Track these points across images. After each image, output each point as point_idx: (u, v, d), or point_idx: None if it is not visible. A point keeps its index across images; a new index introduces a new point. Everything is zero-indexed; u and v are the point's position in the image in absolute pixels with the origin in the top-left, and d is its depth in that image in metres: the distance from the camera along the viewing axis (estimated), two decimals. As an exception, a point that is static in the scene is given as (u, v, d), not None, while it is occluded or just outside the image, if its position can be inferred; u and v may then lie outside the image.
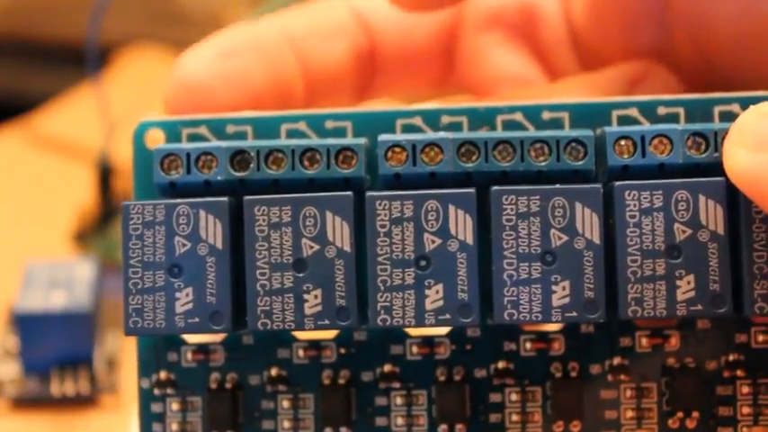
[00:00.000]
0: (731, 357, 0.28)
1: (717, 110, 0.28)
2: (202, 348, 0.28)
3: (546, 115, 0.28)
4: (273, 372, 0.28)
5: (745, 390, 0.27)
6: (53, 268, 0.42)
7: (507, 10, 0.31)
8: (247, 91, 0.29)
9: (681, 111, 0.28)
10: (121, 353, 0.42)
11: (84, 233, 0.48)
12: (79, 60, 0.49)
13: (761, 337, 0.27)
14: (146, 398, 0.29)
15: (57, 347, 0.41)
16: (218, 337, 0.28)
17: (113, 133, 0.47)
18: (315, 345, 0.28)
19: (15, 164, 0.52)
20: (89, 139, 0.51)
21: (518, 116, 0.28)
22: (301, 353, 0.28)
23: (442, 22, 0.32)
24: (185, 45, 0.58)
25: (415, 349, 0.28)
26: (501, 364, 0.28)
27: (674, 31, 0.30)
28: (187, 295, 0.26)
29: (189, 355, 0.28)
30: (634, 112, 0.28)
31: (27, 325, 0.40)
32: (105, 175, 0.48)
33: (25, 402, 0.41)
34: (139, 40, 0.59)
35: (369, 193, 0.26)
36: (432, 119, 0.28)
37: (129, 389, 0.41)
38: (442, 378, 0.28)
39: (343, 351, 0.28)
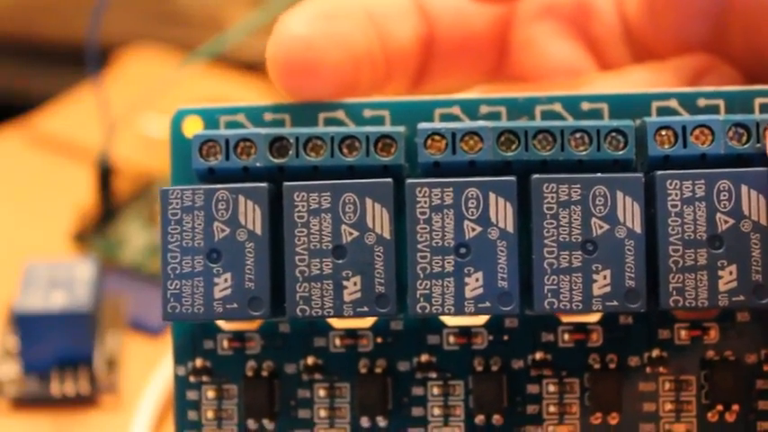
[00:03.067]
0: (771, 350, 0.27)
1: (757, 102, 0.27)
2: (238, 336, 0.28)
3: (585, 106, 0.28)
4: (310, 360, 0.28)
5: (785, 383, 0.27)
6: (53, 268, 0.42)
7: (561, 2, 0.31)
8: (349, 53, 0.28)
9: (721, 102, 0.28)
10: (121, 353, 0.42)
11: (84, 233, 0.48)
12: (79, 60, 0.49)
13: (801, 331, 0.27)
14: (181, 385, 0.28)
15: (57, 347, 0.41)
16: (255, 325, 0.28)
17: (113, 133, 0.47)
18: (351, 333, 0.28)
19: (15, 164, 0.52)
20: (89, 139, 0.51)
21: (557, 107, 0.28)
22: (338, 342, 0.28)
23: (497, 12, 0.31)
24: (185, 45, 0.58)
25: (452, 339, 0.28)
26: (538, 355, 0.28)
27: (730, 26, 0.30)
28: (226, 281, 0.26)
29: (225, 343, 0.28)
30: (673, 103, 0.28)
31: (27, 325, 0.40)
32: (105, 175, 0.48)
33: (25, 402, 0.41)
34: (139, 40, 0.59)
35: (409, 180, 0.26)
36: (470, 108, 0.28)
37: (129, 389, 0.41)
38: (479, 368, 0.28)
39: (379, 340, 0.28)
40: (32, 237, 0.48)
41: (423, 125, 0.27)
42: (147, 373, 0.41)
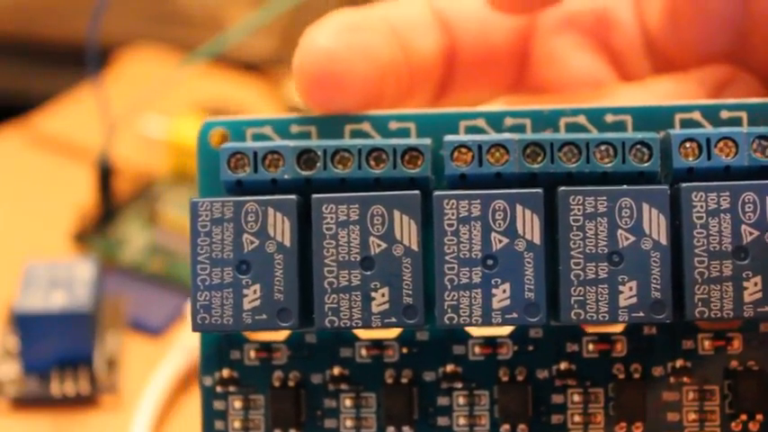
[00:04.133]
0: (794, 361, 0.28)
1: (780, 114, 0.28)
2: (265, 347, 0.29)
3: (609, 118, 0.28)
4: (336, 371, 0.28)
5: (808, 393, 0.28)
6: (53, 268, 0.42)
7: (582, 14, 0.32)
8: (374, 65, 0.28)
9: (743, 115, 0.28)
10: (121, 353, 0.43)
11: (84, 233, 0.48)
12: (79, 60, 0.49)
13: (824, 341, 0.28)
14: (208, 395, 0.29)
15: (57, 347, 0.41)
16: (282, 336, 0.29)
17: (113, 133, 0.47)
18: (377, 344, 0.28)
19: (15, 164, 0.52)
20: (89, 139, 0.51)
21: (581, 119, 0.28)
22: (364, 352, 0.28)
23: (518, 24, 0.32)
24: (185, 45, 0.58)
25: (477, 349, 0.28)
26: (563, 365, 0.28)
27: (751, 36, 0.30)
28: (255, 292, 0.27)
29: (252, 354, 0.29)
30: (697, 115, 0.28)
31: (27, 325, 0.40)
32: (105, 175, 0.48)
33: (25, 402, 0.41)
34: (139, 40, 0.59)
35: (436, 193, 0.26)
36: (495, 121, 0.28)
37: (129, 389, 0.42)
38: (504, 378, 0.28)
39: (405, 351, 0.28)
40: (32, 237, 0.49)
41: (449, 138, 0.27)
42: (147, 373, 0.41)
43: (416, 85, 0.31)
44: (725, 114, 0.28)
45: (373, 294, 0.26)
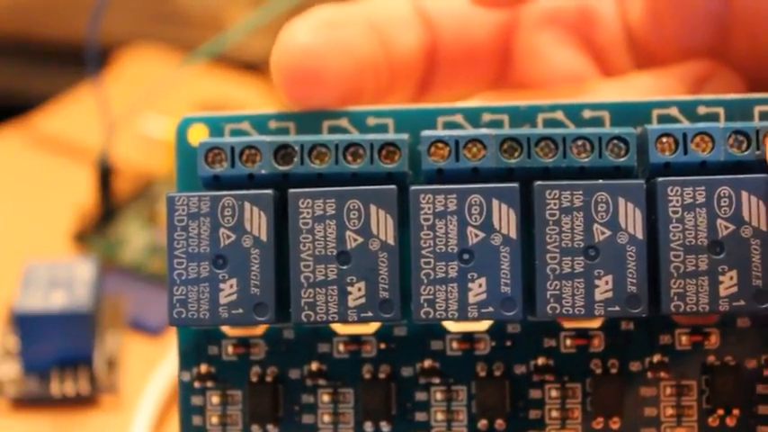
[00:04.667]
0: (771, 356, 0.28)
1: (757, 110, 0.28)
2: (243, 342, 0.29)
3: (586, 114, 0.28)
4: (314, 366, 0.28)
5: (785, 388, 0.28)
6: (53, 268, 0.42)
7: (564, 9, 0.32)
8: (352, 61, 0.28)
9: (721, 110, 0.28)
10: (121, 353, 0.43)
11: (84, 233, 0.48)
12: (79, 60, 0.49)
13: (801, 336, 0.28)
14: (186, 391, 0.29)
15: (57, 347, 0.41)
16: (259, 331, 0.29)
17: (113, 133, 0.47)
18: (355, 339, 0.28)
19: (15, 164, 0.52)
20: (89, 139, 0.52)
21: (559, 114, 0.28)
22: (342, 347, 0.28)
23: (500, 20, 0.32)
24: (185, 45, 0.58)
25: (455, 345, 0.28)
26: (541, 361, 0.28)
27: (732, 31, 0.30)
28: (231, 286, 0.27)
29: (230, 349, 0.29)
30: (674, 111, 0.28)
31: (27, 325, 0.40)
32: (105, 175, 0.48)
33: (25, 402, 0.41)
34: (139, 40, 0.59)
35: (413, 187, 0.26)
36: (473, 117, 0.28)
37: (129, 389, 0.42)
38: (482, 374, 0.28)
39: (383, 346, 0.28)
40: (32, 237, 0.49)
41: (426, 133, 0.27)
42: (147, 373, 0.41)
43: (397, 81, 0.31)
44: (702, 110, 0.28)
45: (349, 289, 0.26)
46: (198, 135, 0.29)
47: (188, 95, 0.53)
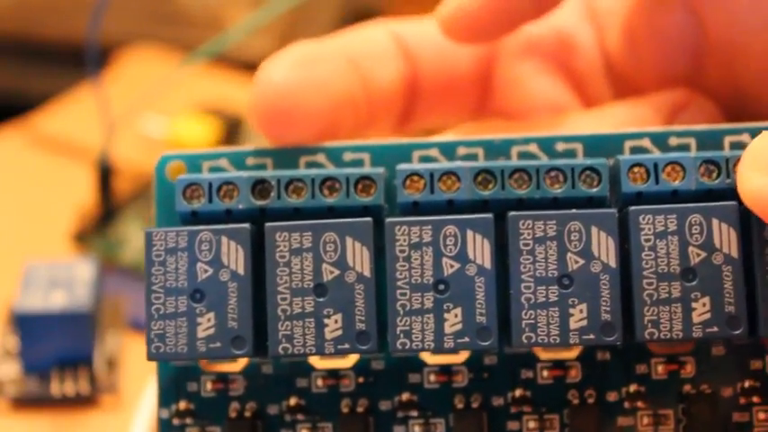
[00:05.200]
0: (746, 384, 0.28)
1: (727, 140, 0.28)
2: (222, 377, 0.29)
3: (560, 146, 0.28)
4: (292, 401, 0.28)
5: (762, 416, 0.28)
6: (53, 268, 0.42)
7: (544, 39, 0.32)
8: (328, 99, 0.29)
9: (692, 141, 0.28)
10: (121, 353, 0.43)
11: (84, 233, 0.48)
12: (79, 60, 0.50)
13: (776, 364, 0.28)
14: (165, 428, 0.29)
15: (57, 347, 0.41)
16: (238, 367, 0.29)
17: (113, 133, 0.47)
18: (333, 374, 0.28)
19: (15, 164, 0.53)
20: (89, 139, 0.52)
21: (533, 147, 0.29)
22: (320, 382, 0.29)
23: (480, 50, 0.32)
24: (185, 45, 0.58)
25: (432, 377, 0.28)
26: (518, 392, 0.28)
27: (708, 60, 0.31)
28: (209, 320, 0.27)
29: (208, 385, 0.29)
30: (646, 142, 0.28)
31: (27, 325, 0.40)
32: (105, 175, 0.48)
33: (25, 402, 0.41)
34: (139, 40, 0.59)
35: (388, 219, 0.27)
36: (448, 150, 0.29)
37: (129, 389, 0.41)
38: (459, 406, 0.28)
39: (361, 380, 0.28)
40: (32, 237, 0.49)
41: (401, 166, 0.27)
42: (147, 373, 0.41)
43: (377, 114, 0.31)
44: (674, 141, 0.28)
45: (326, 321, 0.27)
46: (176, 172, 0.29)
47: (188, 95, 0.54)
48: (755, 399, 0.28)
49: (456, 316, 0.26)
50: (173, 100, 0.52)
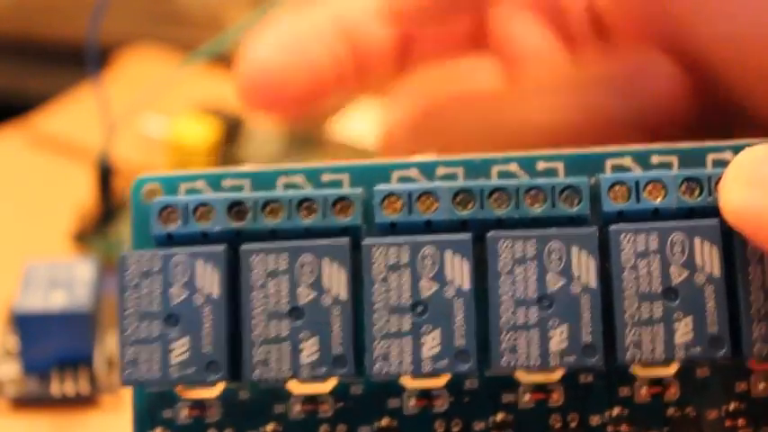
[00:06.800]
0: (732, 406, 0.27)
1: (710, 158, 0.28)
2: (198, 404, 0.28)
3: (540, 165, 0.28)
4: (270, 427, 0.28)
5: (748, 439, 0.27)
6: (53, 268, 0.42)
7: None
8: (314, 74, 0.29)
9: (674, 159, 0.28)
10: None
11: (84, 233, 0.48)
12: (79, 60, 0.49)
13: (761, 386, 0.27)
14: (141, 456, 0.28)
15: (57, 347, 0.40)
16: (215, 393, 0.28)
17: (113, 133, 0.47)
18: (311, 399, 0.28)
19: (15, 164, 0.52)
20: (89, 139, 0.51)
21: (513, 166, 0.28)
22: (298, 407, 0.28)
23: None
24: (185, 45, 0.58)
25: (412, 402, 0.28)
26: (500, 417, 0.28)
27: (681, 26, 0.31)
28: (183, 345, 0.26)
29: (185, 412, 0.28)
30: (628, 161, 0.28)
31: (27, 325, 0.40)
32: (105, 175, 0.48)
33: (25, 402, 0.40)
34: (139, 40, 0.59)
35: (365, 241, 0.26)
36: (427, 170, 0.28)
37: (129, 389, 0.41)
38: (440, 431, 0.28)
39: (340, 405, 0.28)
40: (32, 237, 0.48)
41: (379, 186, 0.27)
42: None
43: (368, 72, 0.31)
44: (656, 159, 0.28)
45: (302, 345, 0.26)
46: (152, 195, 0.29)
47: (188, 95, 0.54)
48: (740, 421, 0.27)
49: (434, 339, 0.26)
50: (173, 100, 0.52)
